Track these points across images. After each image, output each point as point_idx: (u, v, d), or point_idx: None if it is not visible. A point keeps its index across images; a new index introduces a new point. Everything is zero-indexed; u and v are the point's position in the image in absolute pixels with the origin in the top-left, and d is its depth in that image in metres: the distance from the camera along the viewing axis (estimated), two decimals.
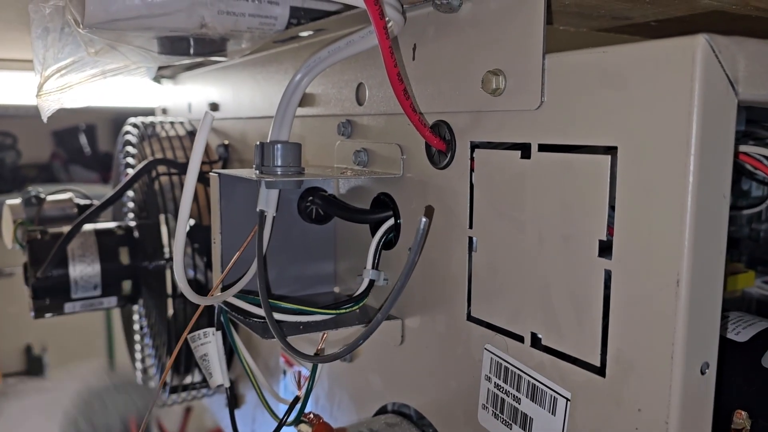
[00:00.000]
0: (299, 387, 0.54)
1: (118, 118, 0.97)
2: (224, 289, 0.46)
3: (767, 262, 0.62)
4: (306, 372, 0.61)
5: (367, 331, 0.39)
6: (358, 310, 0.47)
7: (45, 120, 0.57)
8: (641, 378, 0.31)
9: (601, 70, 0.31)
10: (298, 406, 0.46)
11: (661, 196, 0.29)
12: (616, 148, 0.31)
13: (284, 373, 0.66)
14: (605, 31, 0.48)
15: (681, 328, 0.29)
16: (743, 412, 0.36)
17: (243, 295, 0.44)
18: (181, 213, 0.36)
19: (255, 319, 0.45)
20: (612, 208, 0.31)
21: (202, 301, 0.43)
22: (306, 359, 0.42)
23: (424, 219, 0.34)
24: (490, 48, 0.37)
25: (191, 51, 0.56)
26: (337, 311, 0.45)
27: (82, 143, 2.26)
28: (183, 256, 0.37)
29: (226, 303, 0.45)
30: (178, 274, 0.38)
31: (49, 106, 0.59)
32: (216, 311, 0.46)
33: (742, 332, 0.41)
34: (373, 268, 0.46)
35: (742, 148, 0.35)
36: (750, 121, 0.55)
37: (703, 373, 0.30)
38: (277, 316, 0.43)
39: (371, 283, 0.46)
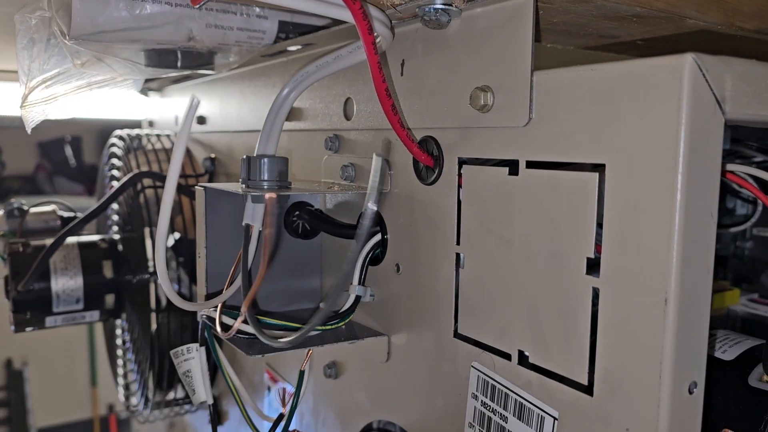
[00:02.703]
0: (284, 404, 0.54)
1: (104, 130, 0.96)
2: (208, 299, 0.45)
3: (752, 280, 0.62)
4: (291, 388, 0.61)
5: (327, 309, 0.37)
6: (344, 327, 0.46)
7: (29, 131, 0.57)
8: (629, 397, 0.30)
9: (590, 88, 0.31)
10: (283, 423, 0.45)
11: (649, 214, 0.29)
12: (604, 165, 0.31)
13: (268, 389, 0.65)
14: (592, 49, 0.48)
15: (669, 347, 0.29)
16: (730, 431, 0.36)
17: (227, 310, 0.44)
18: (163, 204, 0.35)
19: (239, 335, 0.44)
20: (600, 225, 0.31)
21: (187, 306, 0.42)
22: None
23: (378, 157, 0.34)
24: (479, 64, 0.37)
25: (179, 64, 0.56)
26: (323, 327, 0.44)
27: (68, 155, 2.24)
28: (165, 253, 0.36)
29: (209, 318, 0.44)
30: (161, 274, 0.37)
31: (33, 117, 0.59)
32: (200, 327, 0.46)
33: (728, 351, 0.41)
34: (359, 284, 0.46)
35: (729, 166, 0.35)
36: (734, 140, 0.55)
37: (691, 392, 0.30)
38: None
39: (357, 299, 0.46)
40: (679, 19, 0.38)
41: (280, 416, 0.46)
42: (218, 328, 0.43)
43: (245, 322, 0.42)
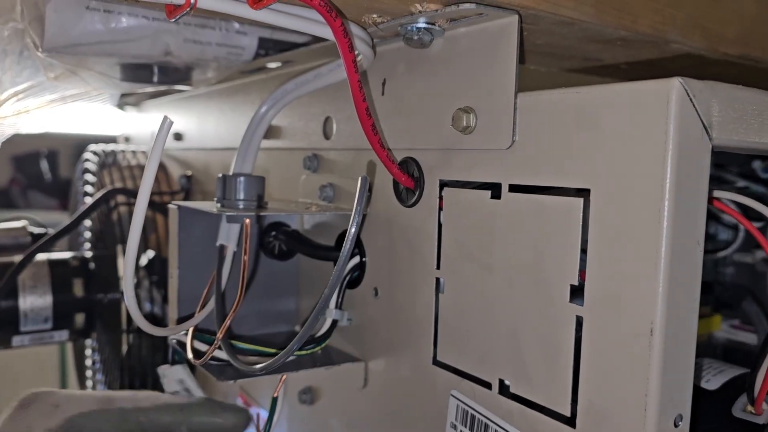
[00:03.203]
0: (258, 430, 0.52)
1: (81, 145, 0.94)
2: (179, 322, 0.44)
3: (733, 306, 0.62)
4: (264, 414, 0.59)
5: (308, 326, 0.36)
6: (320, 352, 0.45)
7: None
8: (613, 430, 0.29)
9: (575, 111, 0.31)
10: None
11: (635, 240, 0.28)
12: (588, 190, 0.30)
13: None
14: (576, 72, 0.48)
15: (655, 379, 0.28)
16: None
17: (198, 334, 0.42)
18: (134, 223, 0.33)
19: (211, 361, 0.42)
20: (584, 251, 0.31)
21: (156, 332, 0.41)
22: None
23: (363, 177, 0.33)
24: (461, 85, 0.36)
25: (155, 79, 0.55)
26: (299, 353, 0.43)
27: (43, 169, 2.21)
28: (134, 274, 0.35)
29: (179, 343, 0.42)
30: (128, 297, 0.36)
31: (4, 131, 0.57)
32: (170, 351, 0.44)
33: (712, 380, 0.40)
34: (336, 307, 0.44)
35: (716, 193, 0.35)
36: (716, 165, 0.55)
37: (676, 425, 0.29)
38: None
39: (334, 323, 0.44)
40: (664, 43, 0.38)
41: None
42: (189, 354, 0.41)
43: (219, 347, 0.40)
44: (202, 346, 0.42)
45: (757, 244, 0.61)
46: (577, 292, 0.31)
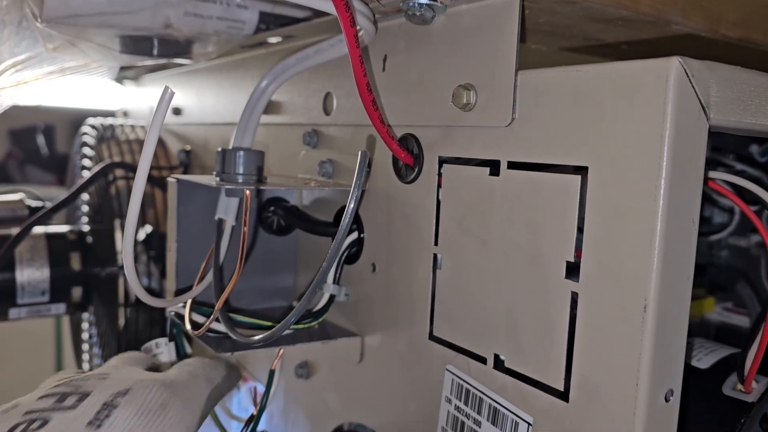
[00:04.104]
0: (255, 403, 0.52)
1: (77, 119, 0.94)
2: (177, 295, 0.44)
3: (727, 289, 0.63)
4: (261, 388, 0.59)
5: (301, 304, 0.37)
6: (317, 326, 0.45)
7: None
8: (605, 404, 0.30)
9: (574, 89, 0.31)
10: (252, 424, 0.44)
11: (631, 218, 0.28)
12: (586, 168, 0.30)
13: (238, 388, 0.64)
14: (576, 51, 0.48)
15: (647, 355, 0.28)
16: None
17: (197, 307, 0.43)
18: (134, 195, 0.33)
19: (209, 333, 0.43)
20: (580, 229, 0.31)
21: (155, 303, 0.41)
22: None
23: (363, 152, 0.33)
24: (462, 62, 0.36)
25: (155, 52, 0.54)
26: (296, 326, 0.43)
27: (40, 144, 2.20)
28: (134, 246, 0.35)
29: (177, 315, 0.43)
30: (128, 268, 0.36)
31: (2, 102, 0.57)
32: (168, 323, 0.45)
33: (703, 359, 0.41)
34: (334, 282, 0.45)
35: (711, 174, 0.35)
36: (714, 149, 0.56)
37: (667, 400, 0.29)
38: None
39: (332, 298, 0.45)
40: (665, 23, 0.38)
41: (251, 417, 0.44)
42: (188, 326, 0.42)
43: (217, 320, 0.41)
44: (200, 318, 0.42)
45: (753, 229, 0.61)
46: (572, 269, 0.31)
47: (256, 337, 0.38)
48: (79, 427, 0.33)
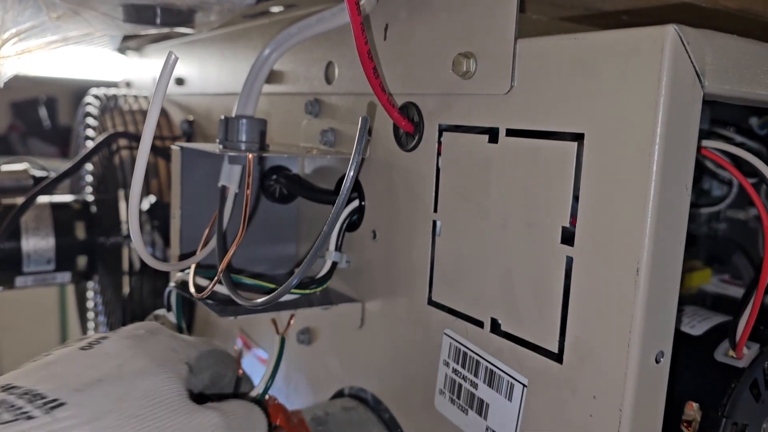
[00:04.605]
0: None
1: (79, 91, 0.94)
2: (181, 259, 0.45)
3: (724, 261, 0.63)
4: (264, 355, 0.60)
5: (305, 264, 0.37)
6: (319, 293, 0.46)
7: (1, 85, 0.55)
8: (597, 365, 0.31)
9: (572, 57, 0.31)
10: (265, 384, 0.43)
11: (625, 183, 0.29)
12: (583, 135, 0.31)
13: (241, 354, 0.65)
14: (577, 21, 0.48)
15: (638, 317, 0.29)
16: (695, 404, 0.37)
17: (200, 270, 0.43)
18: (138, 161, 0.33)
19: (209, 301, 0.43)
20: (576, 199, 0.31)
21: (161, 266, 0.42)
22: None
23: (364, 117, 0.34)
24: (462, 30, 0.36)
25: (158, 21, 0.54)
26: (300, 292, 0.44)
27: (42, 116, 2.20)
28: (139, 212, 0.36)
29: (181, 284, 0.43)
30: (134, 233, 0.36)
31: (5, 71, 0.57)
32: (166, 291, 0.45)
33: (697, 326, 0.42)
34: (336, 249, 0.45)
35: (704, 143, 0.36)
36: (714, 121, 0.56)
37: (657, 362, 0.30)
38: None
39: (334, 265, 0.46)
40: None
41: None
42: (191, 289, 0.43)
43: (220, 282, 0.41)
44: (204, 282, 0.43)
45: (751, 202, 0.62)
46: (568, 235, 0.32)
47: (258, 300, 0.39)
48: (74, 350, 0.34)
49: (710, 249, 0.64)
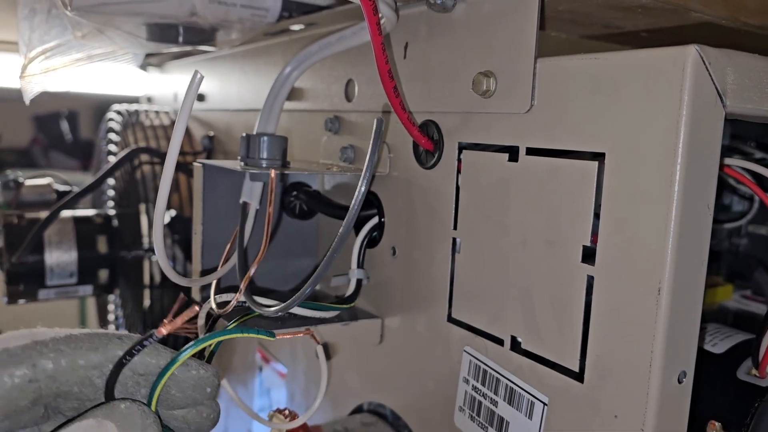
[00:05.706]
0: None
1: (101, 106, 0.96)
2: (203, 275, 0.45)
3: (745, 277, 0.63)
4: (283, 369, 0.61)
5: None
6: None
7: (27, 102, 0.57)
8: (619, 384, 0.31)
9: (592, 76, 0.31)
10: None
11: (646, 203, 0.29)
12: (603, 154, 0.31)
13: (260, 369, 0.66)
14: (596, 39, 0.48)
15: (660, 336, 0.29)
16: (717, 423, 0.37)
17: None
18: (164, 177, 0.34)
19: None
20: (597, 215, 0.31)
21: (182, 282, 0.42)
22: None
23: (378, 119, 0.34)
24: (482, 49, 0.37)
25: (180, 39, 0.55)
26: (330, 306, 0.44)
27: (64, 129, 2.23)
28: (163, 227, 0.36)
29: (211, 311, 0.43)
30: (158, 248, 0.37)
31: (32, 88, 0.58)
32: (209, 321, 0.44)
33: (719, 344, 0.42)
34: (358, 267, 0.46)
35: (727, 161, 0.36)
36: (734, 137, 0.56)
37: (680, 381, 0.30)
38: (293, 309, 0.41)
39: (359, 282, 0.46)
40: (684, 11, 0.38)
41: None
42: (213, 305, 0.43)
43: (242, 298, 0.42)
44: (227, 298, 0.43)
45: None
46: (589, 253, 0.32)
47: (273, 308, 0.39)
48: None
49: (731, 265, 0.64)
